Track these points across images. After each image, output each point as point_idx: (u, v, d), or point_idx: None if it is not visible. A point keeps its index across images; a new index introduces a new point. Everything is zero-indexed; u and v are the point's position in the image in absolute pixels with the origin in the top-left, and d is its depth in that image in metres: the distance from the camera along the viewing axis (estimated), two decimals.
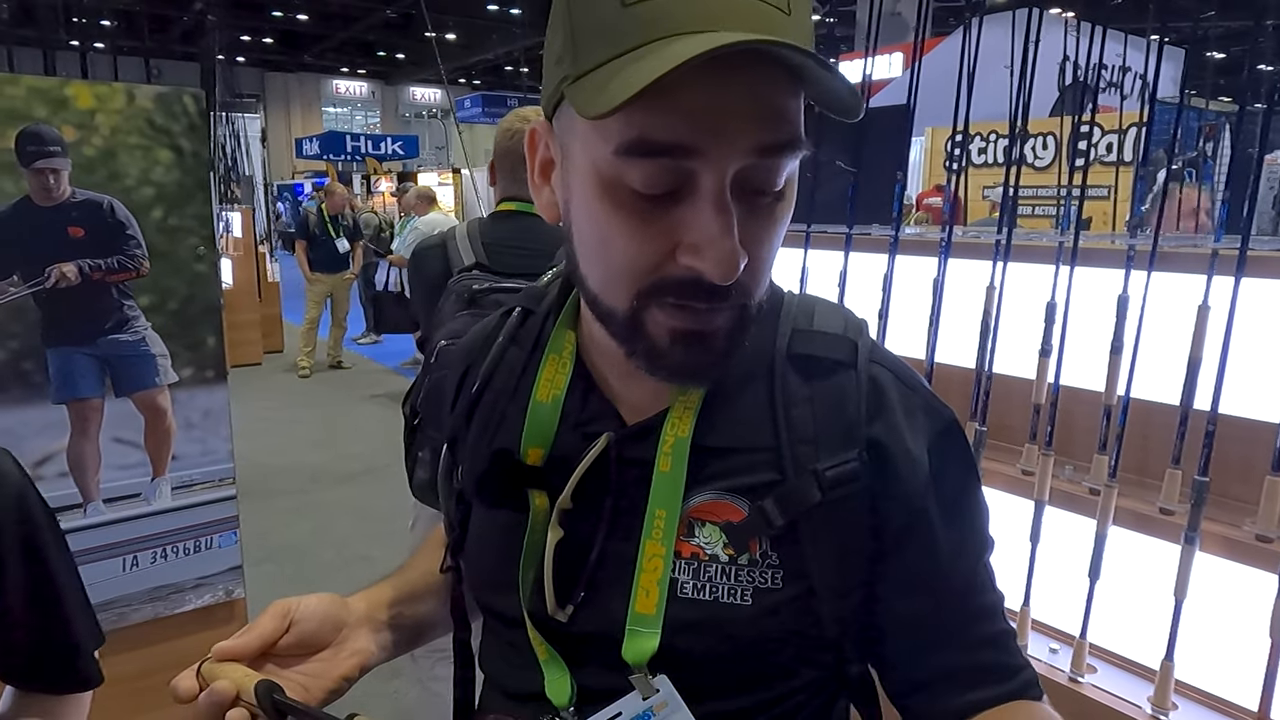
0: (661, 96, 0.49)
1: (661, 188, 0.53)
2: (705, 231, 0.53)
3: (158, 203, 1.92)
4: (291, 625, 0.67)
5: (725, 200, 0.53)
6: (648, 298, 0.56)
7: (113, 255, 1.88)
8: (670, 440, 0.64)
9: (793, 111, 0.54)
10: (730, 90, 0.50)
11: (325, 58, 24.85)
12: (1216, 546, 1.49)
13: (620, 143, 0.52)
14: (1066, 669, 1.65)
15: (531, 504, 0.67)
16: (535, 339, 0.72)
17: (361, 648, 0.71)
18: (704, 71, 0.48)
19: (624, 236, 0.55)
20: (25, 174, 1.74)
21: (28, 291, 1.78)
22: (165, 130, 1.91)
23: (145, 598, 1.98)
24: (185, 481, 2.02)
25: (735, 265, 0.53)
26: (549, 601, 0.65)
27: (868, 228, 2.11)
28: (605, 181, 0.55)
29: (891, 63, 9.55)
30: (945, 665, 0.66)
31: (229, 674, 0.62)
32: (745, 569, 0.63)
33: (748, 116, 0.51)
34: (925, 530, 0.65)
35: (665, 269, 0.55)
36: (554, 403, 0.68)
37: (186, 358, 1.99)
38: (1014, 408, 1.85)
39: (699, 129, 0.51)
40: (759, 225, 0.56)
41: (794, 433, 0.64)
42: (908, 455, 0.64)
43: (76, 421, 1.87)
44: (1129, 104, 6.06)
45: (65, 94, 1.79)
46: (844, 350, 0.66)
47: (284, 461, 5.24)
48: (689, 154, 0.51)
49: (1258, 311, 1.49)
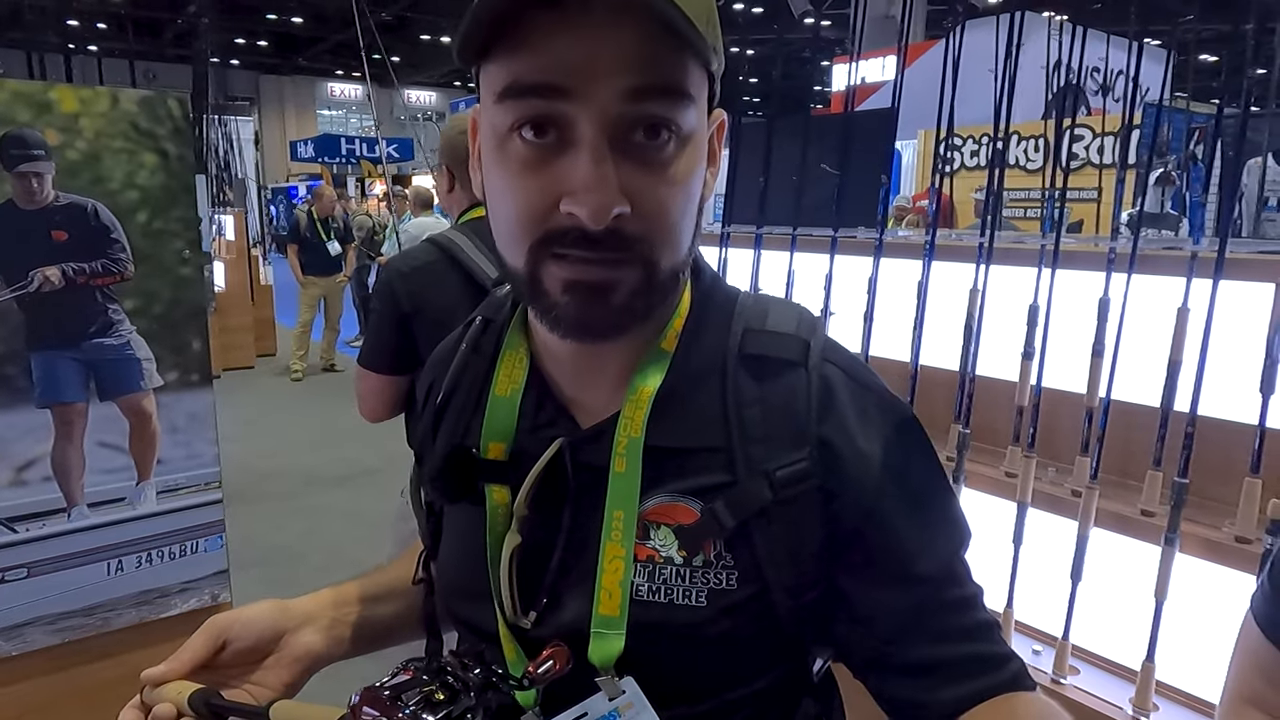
0: (528, 46, 0.53)
1: (542, 137, 0.55)
2: (579, 175, 0.54)
3: (142, 206, 1.92)
4: (226, 643, 0.69)
5: (600, 147, 0.54)
6: (540, 250, 0.58)
7: (97, 259, 1.88)
8: (624, 441, 0.64)
9: (665, 60, 0.55)
10: (597, 38, 0.53)
11: (320, 60, 24.84)
12: (1196, 548, 1.50)
13: (499, 90, 0.56)
14: (1049, 670, 1.65)
15: (489, 499, 0.67)
16: (495, 346, 0.73)
17: (304, 651, 0.72)
18: (570, 23, 0.52)
19: (514, 190, 0.57)
20: (8, 178, 1.74)
21: (10, 295, 1.78)
22: (150, 134, 1.91)
23: (131, 602, 1.97)
24: (170, 485, 2.02)
25: (606, 207, 0.54)
26: (509, 608, 0.65)
27: (853, 230, 2.12)
28: (498, 137, 0.58)
29: (885, 65, 9.56)
30: (928, 658, 0.65)
31: (168, 694, 0.64)
32: (699, 571, 0.63)
33: (614, 61, 0.53)
34: (883, 526, 0.64)
35: (551, 219, 0.56)
36: (512, 396, 0.69)
37: (171, 361, 1.99)
38: (997, 410, 1.86)
39: (564, 71, 0.53)
40: (648, 176, 0.56)
41: (745, 433, 0.64)
42: (858, 454, 0.64)
43: (60, 425, 1.87)
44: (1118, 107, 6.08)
45: (49, 97, 1.79)
46: (795, 350, 0.67)
47: (276, 464, 5.24)
48: (558, 94, 0.54)
49: (1237, 314, 1.50)
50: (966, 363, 1.83)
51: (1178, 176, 5.59)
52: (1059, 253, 1.67)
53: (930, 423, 2.14)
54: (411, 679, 0.57)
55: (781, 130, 2.24)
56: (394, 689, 0.56)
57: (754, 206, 2.22)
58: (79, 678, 1.74)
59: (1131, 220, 5.30)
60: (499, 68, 0.55)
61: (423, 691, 0.56)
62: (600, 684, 0.62)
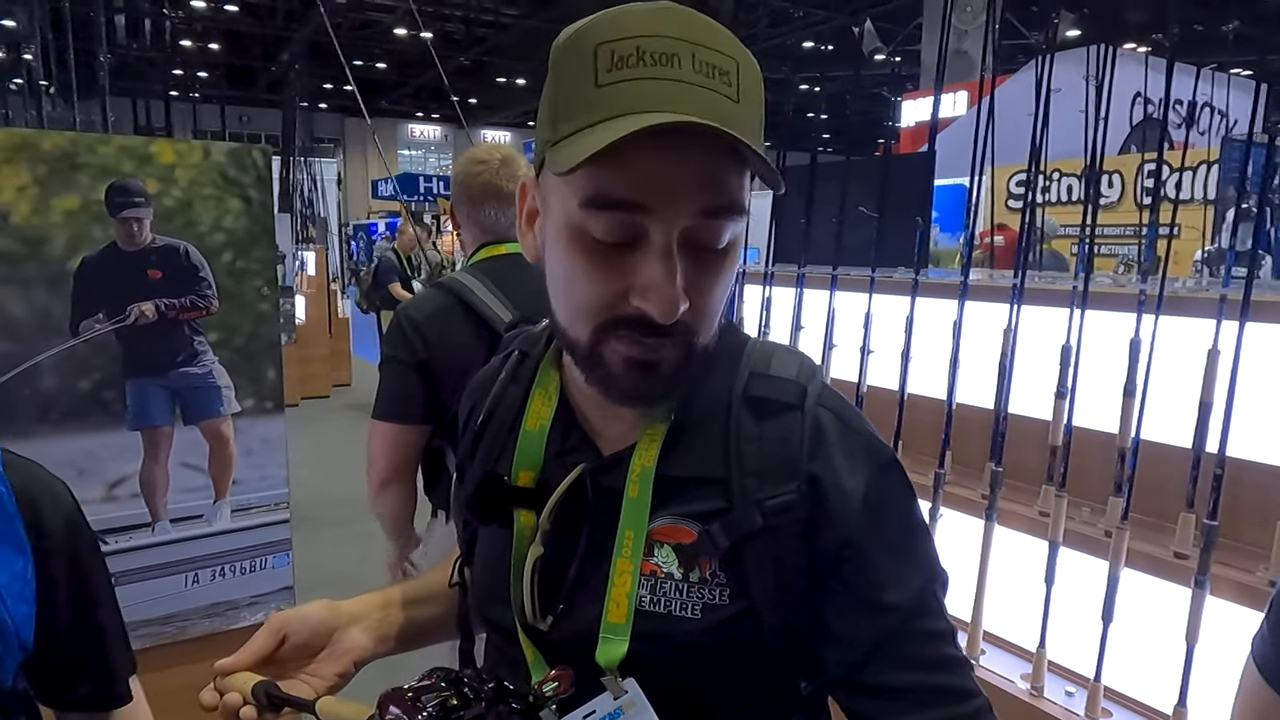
0: (619, 161, 0.59)
1: (617, 238, 0.63)
2: (652, 277, 0.62)
3: (227, 247, 2.10)
4: (286, 637, 0.79)
5: (671, 253, 0.62)
6: (604, 331, 0.66)
7: (186, 295, 2.06)
8: (638, 469, 0.72)
9: (733, 182, 0.63)
10: (678, 160, 0.60)
11: (401, 103, 25.92)
12: (1229, 592, 1.48)
13: (584, 197, 0.62)
14: (1082, 713, 1.64)
15: (516, 521, 0.76)
16: (530, 378, 0.82)
17: (353, 646, 0.82)
18: (657, 143, 0.58)
19: (585, 279, 0.65)
20: (113, 223, 1.93)
21: (111, 328, 1.97)
22: (236, 182, 2.10)
23: (204, 613, 2.13)
24: (244, 505, 2.17)
25: (675, 307, 0.63)
26: (530, 612, 0.73)
27: (892, 270, 2.17)
28: (572, 230, 0.64)
29: (956, 101, 9.50)
30: (893, 683, 0.71)
31: (236, 683, 0.75)
32: (696, 586, 0.71)
33: (692, 182, 0.61)
34: (859, 557, 0.71)
35: (619, 307, 0.65)
36: (540, 431, 0.78)
37: (249, 389, 2.15)
38: (1030, 448, 1.87)
39: (648, 189, 0.60)
40: (703, 276, 0.65)
41: (742, 467, 0.72)
42: (840, 490, 0.71)
43: (149, 447, 2.05)
44: (1203, 141, 5.93)
45: (149, 151, 1.99)
46: (794, 394, 0.74)
47: (343, 492, 5.43)
48: (639, 210, 0.61)
49: (1270, 355, 1.50)
50: (1000, 401, 1.85)
51: (1256, 212, 5.39)
52: (1088, 293, 1.69)
53: (964, 460, 2.15)
54: (432, 685, 0.66)
55: (824, 173, 2.31)
56: (416, 692, 0.65)
57: (797, 246, 2.29)
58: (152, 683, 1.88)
59: (1209, 258, 5.12)
60: (588, 175, 0.60)
61: (441, 696, 0.64)
62: (606, 683, 0.69)
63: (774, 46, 15.35)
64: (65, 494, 0.87)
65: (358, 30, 16.81)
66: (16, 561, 0.80)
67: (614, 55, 0.61)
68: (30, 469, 0.85)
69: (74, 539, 0.85)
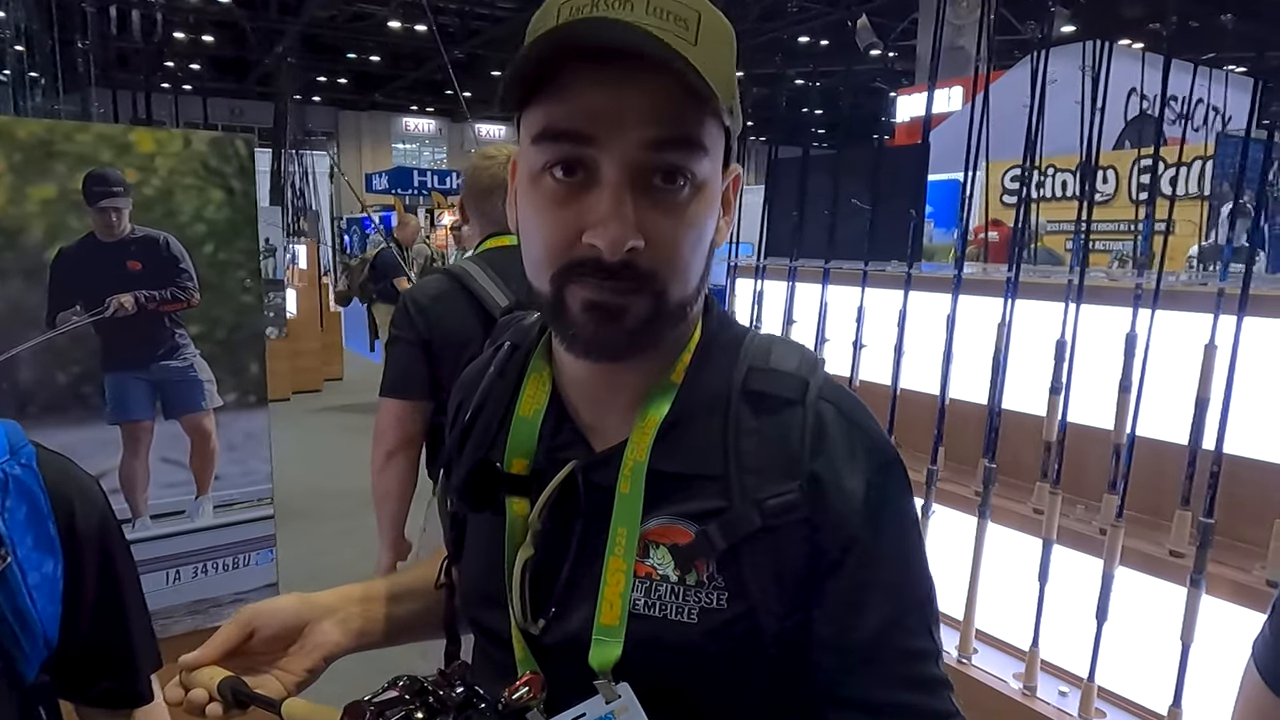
0: (564, 93, 0.60)
1: (569, 175, 0.62)
2: (600, 211, 0.61)
3: (209, 238, 2.06)
4: (254, 631, 0.76)
5: (621, 187, 0.60)
6: (564, 276, 0.64)
7: (167, 287, 2.03)
8: (630, 464, 0.69)
9: (688, 117, 0.61)
10: (622, 90, 0.60)
11: (396, 96, 25.82)
12: (1225, 591, 1.46)
13: (534, 133, 0.63)
14: (1075, 713, 1.62)
15: (509, 510, 0.73)
16: (520, 371, 0.79)
17: (324, 640, 0.79)
18: (599, 74, 0.59)
19: (542, 223, 0.64)
20: (90, 212, 1.89)
21: (89, 320, 1.93)
22: (218, 172, 2.06)
23: (186, 610, 2.10)
24: (226, 500, 2.14)
25: (622, 240, 0.60)
26: (519, 614, 0.70)
27: (885, 264, 2.14)
28: (531, 174, 0.64)
29: (950, 96, 9.48)
30: (869, 697, 0.68)
31: (202, 679, 0.72)
32: (692, 589, 0.68)
33: (640, 112, 0.60)
34: (856, 561, 0.68)
35: (575, 249, 0.63)
36: (535, 416, 0.75)
37: (231, 383, 2.12)
38: (1024, 444, 1.84)
39: (593, 119, 0.60)
40: (663, 216, 0.63)
41: (741, 464, 0.68)
42: (841, 489, 0.68)
43: (129, 441, 2.01)
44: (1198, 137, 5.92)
45: (129, 139, 1.96)
46: (794, 388, 0.71)
47: (337, 486, 5.41)
48: (586, 141, 0.60)
49: (1268, 351, 1.47)
50: (994, 397, 1.83)
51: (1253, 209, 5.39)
52: (1083, 287, 1.67)
53: (957, 456, 2.13)
54: (396, 697, 0.62)
55: (817, 165, 2.28)
56: (378, 705, 0.61)
57: (789, 240, 2.26)
58: None
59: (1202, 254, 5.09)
60: (537, 113, 0.62)
61: (405, 710, 0.61)
62: (598, 687, 0.66)
63: (769, 41, 15.31)
64: (97, 491, 0.86)
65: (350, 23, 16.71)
66: (47, 563, 0.79)
67: (572, 7, 0.62)
68: (63, 465, 0.83)
69: (105, 538, 0.84)
